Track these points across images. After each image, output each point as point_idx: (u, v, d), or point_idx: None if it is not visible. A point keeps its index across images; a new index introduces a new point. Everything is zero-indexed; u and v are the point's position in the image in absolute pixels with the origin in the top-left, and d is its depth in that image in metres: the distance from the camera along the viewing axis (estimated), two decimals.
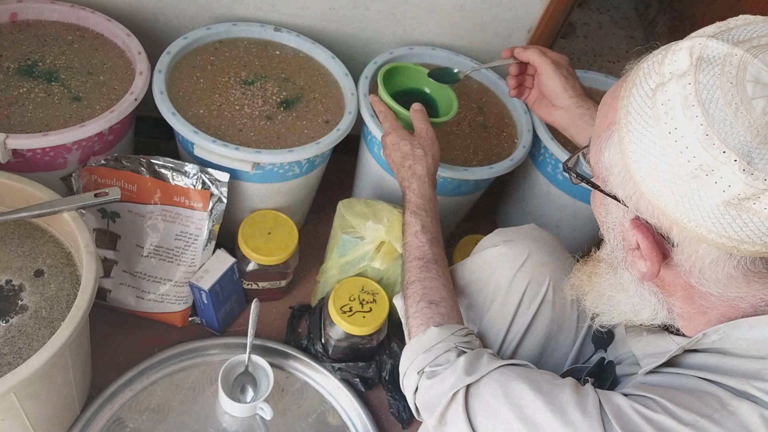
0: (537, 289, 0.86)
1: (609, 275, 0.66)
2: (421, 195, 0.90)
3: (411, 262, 0.86)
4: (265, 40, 1.20)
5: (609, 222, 0.62)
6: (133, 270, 1.08)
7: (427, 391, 0.72)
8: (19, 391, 0.75)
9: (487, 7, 1.24)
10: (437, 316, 0.78)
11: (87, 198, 0.88)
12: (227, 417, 1.05)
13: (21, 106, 0.99)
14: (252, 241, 1.11)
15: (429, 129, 0.96)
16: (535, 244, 0.89)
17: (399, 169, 0.94)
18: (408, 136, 0.95)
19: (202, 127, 1.03)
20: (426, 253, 0.85)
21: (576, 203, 1.25)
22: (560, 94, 0.95)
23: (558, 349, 0.89)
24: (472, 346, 0.75)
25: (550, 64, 0.95)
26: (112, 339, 1.10)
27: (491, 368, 0.68)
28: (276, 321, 1.20)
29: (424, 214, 0.89)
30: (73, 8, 1.10)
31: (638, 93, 0.55)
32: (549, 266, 0.87)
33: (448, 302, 0.81)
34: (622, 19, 2.36)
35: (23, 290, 0.85)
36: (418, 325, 0.79)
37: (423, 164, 0.92)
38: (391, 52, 1.24)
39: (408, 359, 0.77)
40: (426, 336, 0.76)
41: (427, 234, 0.87)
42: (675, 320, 0.63)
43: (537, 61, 0.96)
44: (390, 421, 1.13)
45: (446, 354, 0.73)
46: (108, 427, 1.00)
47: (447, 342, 0.74)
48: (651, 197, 0.54)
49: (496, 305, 0.87)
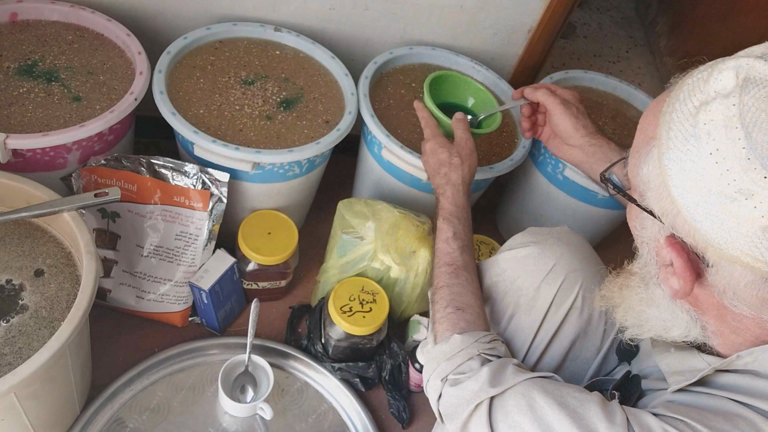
0: (566, 295, 0.85)
1: (640, 289, 0.65)
2: (455, 203, 0.91)
3: (441, 267, 0.86)
4: (265, 40, 1.20)
5: (644, 236, 0.61)
6: (133, 270, 1.08)
7: (450, 399, 0.72)
8: (19, 391, 0.75)
9: (487, 7, 1.24)
10: (462, 322, 0.78)
11: (87, 198, 0.88)
12: (227, 417, 1.05)
13: (21, 106, 0.99)
14: (252, 241, 1.11)
15: (469, 139, 0.96)
16: (567, 248, 0.87)
17: (435, 176, 0.95)
18: (447, 144, 0.96)
19: (202, 127, 1.03)
20: (456, 260, 0.86)
21: (576, 203, 1.25)
22: (572, 134, 0.94)
23: (581, 357, 0.87)
24: (497, 353, 0.75)
25: (560, 105, 0.95)
26: (112, 339, 1.10)
27: (517, 381, 0.68)
28: (276, 321, 1.20)
29: (457, 221, 0.89)
30: (73, 8, 1.10)
31: (681, 110, 0.54)
32: (580, 272, 0.86)
33: (474, 309, 0.81)
34: (622, 19, 2.36)
35: (24, 290, 0.85)
36: (443, 331, 0.79)
37: (459, 172, 0.93)
38: (391, 52, 1.24)
39: (431, 366, 0.77)
40: (449, 343, 0.76)
41: (458, 241, 0.87)
42: (709, 338, 0.61)
43: (547, 101, 0.96)
44: (390, 421, 1.13)
45: (469, 362, 0.73)
46: (108, 427, 1.00)
47: (470, 349, 0.74)
48: (687, 216, 0.53)
49: (523, 309, 0.86)
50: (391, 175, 1.18)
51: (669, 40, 2.15)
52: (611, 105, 1.37)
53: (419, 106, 1.04)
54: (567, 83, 1.36)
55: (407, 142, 1.13)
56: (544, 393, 0.64)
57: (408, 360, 1.13)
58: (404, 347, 1.15)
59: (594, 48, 2.19)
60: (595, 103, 1.35)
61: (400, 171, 1.14)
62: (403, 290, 1.12)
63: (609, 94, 1.38)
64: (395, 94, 1.22)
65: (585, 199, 1.24)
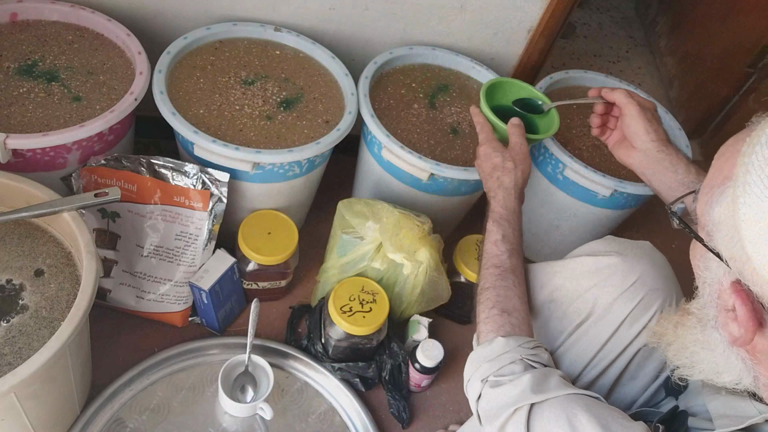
0: (642, 314, 0.82)
1: (696, 330, 0.63)
2: (505, 206, 0.90)
3: (488, 269, 0.85)
4: (265, 40, 1.20)
5: (706, 277, 0.59)
6: (133, 270, 1.08)
7: (490, 401, 0.72)
8: (19, 391, 0.75)
9: (487, 7, 1.24)
10: (507, 326, 0.78)
11: (87, 198, 0.88)
12: (227, 417, 1.05)
13: (21, 106, 0.99)
14: (252, 241, 1.11)
15: (523, 144, 0.96)
16: (650, 265, 0.85)
17: (487, 180, 0.95)
18: (501, 148, 0.95)
19: (202, 127, 1.03)
20: (504, 262, 0.85)
21: (576, 203, 1.25)
22: (641, 136, 0.92)
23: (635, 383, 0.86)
24: (539, 360, 0.74)
25: (635, 106, 0.93)
26: (112, 339, 1.10)
27: (560, 393, 0.67)
28: (276, 321, 1.20)
29: (506, 224, 0.88)
30: (73, 8, 1.10)
31: (763, 153, 0.51)
32: (661, 292, 0.83)
33: (520, 313, 0.80)
34: (622, 19, 2.36)
35: (24, 290, 0.85)
36: (487, 332, 0.79)
37: (511, 177, 0.92)
38: (391, 52, 1.24)
39: (473, 366, 0.76)
40: (492, 345, 0.76)
41: (507, 244, 0.86)
42: (759, 390, 0.60)
43: (623, 101, 0.94)
44: (390, 421, 1.13)
45: (511, 365, 0.72)
46: (108, 427, 1.00)
47: (513, 353, 0.74)
48: (758, 265, 0.51)
49: (590, 322, 0.84)
50: (391, 175, 1.18)
51: (669, 40, 2.15)
52: None
53: (475, 111, 1.04)
54: (567, 83, 1.36)
55: (407, 142, 1.13)
56: (588, 412, 0.63)
57: (408, 360, 1.13)
58: (404, 347, 1.15)
59: (594, 48, 2.19)
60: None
61: (400, 171, 1.14)
62: (403, 290, 1.12)
63: None
64: (395, 94, 1.22)
65: (585, 199, 1.24)
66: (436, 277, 1.11)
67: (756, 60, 1.73)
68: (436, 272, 1.10)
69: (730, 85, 1.81)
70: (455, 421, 1.16)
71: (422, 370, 1.12)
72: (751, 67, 1.75)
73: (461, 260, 1.18)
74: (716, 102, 1.85)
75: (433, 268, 1.09)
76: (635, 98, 0.94)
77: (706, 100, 1.89)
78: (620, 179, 1.19)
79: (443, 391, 1.19)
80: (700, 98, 1.92)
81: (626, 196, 1.22)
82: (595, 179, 1.18)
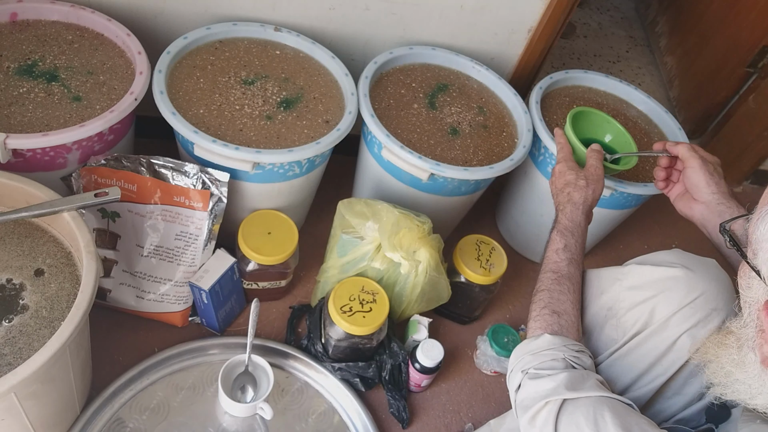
0: (699, 332, 0.81)
1: (734, 350, 0.63)
2: (572, 219, 0.92)
3: (545, 273, 0.87)
4: (265, 40, 1.20)
5: (747, 296, 0.59)
6: (133, 270, 1.08)
7: (526, 391, 0.74)
8: (19, 391, 0.75)
9: (487, 7, 1.24)
10: (556, 325, 0.80)
11: (87, 198, 0.88)
12: (227, 417, 1.05)
13: (21, 106, 0.99)
14: (252, 241, 1.11)
15: (599, 167, 0.99)
16: (715, 284, 0.84)
17: (558, 194, 0.97)
18: (576, 167, 0.99)
19: (202, 127, 1.03)
20: (562, 269, 0.87)
21: None
22: (703, 188, 0.92)
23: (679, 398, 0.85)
24: (581, 363, 0.75)
25: (698, 159, 0.94)
26: (112, 339, 1.10)
27: (592, 394, 0.68)
28: (276, 321, 1.20)
29: (570, 235, 0.90)
30: (73, 8, 1.10)
31: None
32: (722, 313, 0.82)
33: (570, 317, 0.82)
34: (622, 19, 2.36)
35: (24, 290, 0.85)
36: (536, 329, 0.81)
37: (582, 193, 0.94)
38: (391, 52, 1.24)
39: (516, 358, 0.79)
40: (539, 340, 0.78)
41: (567, 253, 0.88)
42: None
43: (686, 155, 0.95)
44: (390, 421, 1.13)
45: (553, 362, 0.74)
46: (108, 427, 1.00)
47: (557, 351, 0.75)
48: None
49: (646, 334, 0.83)
50: (391, 175, 1.18)
51: (669, 40, 2.15)
52: (611, 105, 1.37)
53: (559, 133, 1.09)
54: (567, 83, 1.36)
55: (407, 142, 1.13)
56: (614, 414, 0.65)
57: (408, 360, 1.13)
58: (404, 347, 1.15)
59: (594, 48, 2.19)
60: (595, 103, 1.35)
61: (400, 171, 1.14)
62: (403, 290, 1.12)
63: (609, 94, 1.38)
64: (395, 94, 1.22)
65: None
66: (436, 277, 1.11)
67: (756, 60, 1.73)
68: (436, 272, 1.10)
69: (730, 85, 1.81)
70: (455, 420, 1.16)
71: (422, 370, 1.12)
72: (751, 67, 1.75)
73: (461, 260, 1.18)
74: (716, 102, 1.85)
75: (432, 267, 1.09)
76: (698, 152, 0.95)
77: (706, 100, 1.89)
78: (620, 179, 1.19)
79: (443, 391, 1.19)
80: (700, 98, 1.92)
81: (626, 196, 1.22)
82: None
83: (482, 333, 1.26)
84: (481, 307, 1.28)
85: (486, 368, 1.23)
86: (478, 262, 1.19)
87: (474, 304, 1.26)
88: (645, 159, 1.27)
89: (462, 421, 1.16)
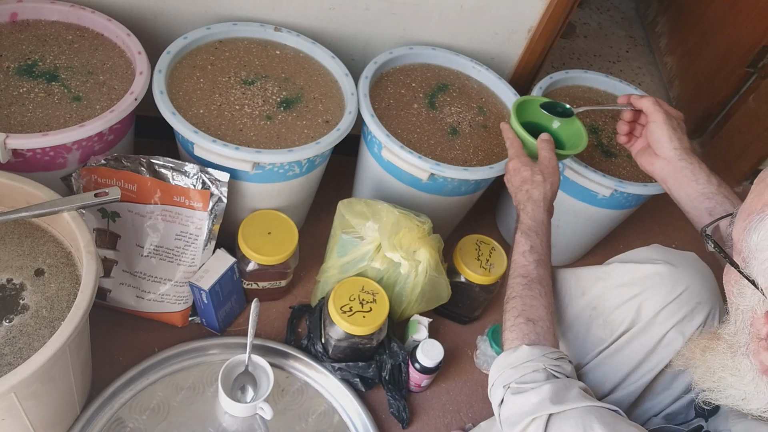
0: (686, 327, 0.82)
1: (726, 357, 0.63)
2: (534, 218, 0.90)
3: (515, 278, 0.86)
4: (265, 40, 1.20)
5: (739, 303, 0.58)
6: (133, 270, 1.08)
7: (511, 407, 0.72)
8: (19, 391, 0.75)
9: (487, 7, 1.24)
10: (533, 335, 0.78)
11: (87, 198, 0.88)
12: (227, 417, 1.05)
13: (21, 106, 0.99)
14: (252, 241, 1.11)
15: (552, 158, 0.97)
16: (698, 277, 0.84)
17: (517, 193, 0.95)
18: (530, 162, 0.96)
19: (202, 127, 1.03)
20: (531, 272, 0.85)
21: (576, 203, 1.25)
22: (665, 143, 0.92)
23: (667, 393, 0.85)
24: (562, 371, 0.74)
25: (662, 113, 0.93)
26: (112, 339, 1.10)
27: (578, 405, 0.67)
28: (276, 321, 1.20)
29: (535, 235, 0.88)
30: (73, 8, 1.10)
31: None
32: (707, 306, 0.82)
33: (545, 323, 0.80)
34: (622, 19, 2.36)
35: (24, 289, 0.85)
36: (513, 340, 0.79)
37: (540, 189, 0.93)
38: (391, 52, 1.24)
39: (497, 371, 0.77)
40: (517, 352, 0.76)
41: (534, 255, 0.86)
42: None
43: (650, 109, 0.95)
44: (390, 421, 1.13)
45: (534, 374, 0.73)
46: (108, 427, 1.00)
47: (537, 362, 0.74)
48: None
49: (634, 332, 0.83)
50: (391, 175, 1.18)
51: (669, 40, 2.15)
52: None
53: (505, 127, 1.05)
54: (567, 83, 1.36)
55: (407, 142, 1.13)
56: (603, 424, 0.64)
57: (408, 360, 1.13)
58: (404, 347, 1.15)
59: (594, 48, 2.19)
60: (595, 103, 1.35)
61: (400, 171, 1.14)
62: (403, 290, 1.12)
63: (609, 94, 1.38)
64: (395, 94, 1.22)
65: (585, 199, 1.24)
66: (435, 276, 1.11)
67: (756, 60, 1.73)
68: (436, 272, 1.10)
69: (730, 85, 1.81)
70: (455, 420, 1.16)
71: (422, 370, 1.12)
72: (751, 67, 1.75)
73: (461, 260, 1.18)
74: (716, 102, 1.85)
75: (432, 267, 1.09)
76: (662, 106, 0.94)
77: (706, 99, 1.89)
78: (620, 179, 1.19)
79: (443, 391, 1.19)
80: (700, 98, 1.92)
81: (626, 196, 1.22)
82: (595, 179, 1.18)
83: (482, 333, 1.26)
84: (481, 307, 1.29)
85: (486, 368, 1.23)
86: (478, 262, 1.19)
87: (474, 304, 1.26)
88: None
89: (462, 420, 1.16)
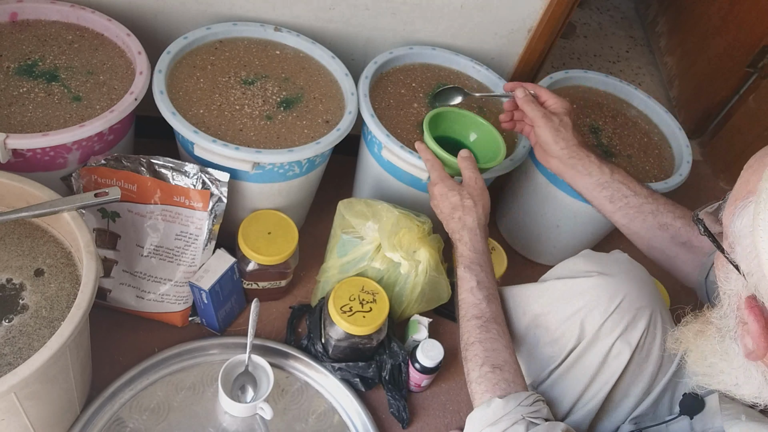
0: (630, 335, 0.81)
1: (715, 341, 0.62)
2: (474, 249, 0.88)
3: (469, 321, 0.84)
4: (265, 40, 1.20)
5: (726, 288, 0.58)
6: (133, 270, 1.08)
7: None
8: (19, 391, 0.75)
9: (487, 7, 1.24)
10: (502, 383, 0.77)
11: (87, 198, 0.88)
12: (227, 417, 1.05)
13: (21, 106, 0.99)
14: (252, 241, 1.11)
15: (478, 178, 0.94)
16: (633, 282, 0.83)
17: (449, 221, 0.93)
18: (456, 186, 0.94)
19: (202, 127, 1.03)
20: (484, 312, 0.83)
21: (576, 203, 1.25)
22: (551, 145, 0.93)
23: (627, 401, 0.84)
24: (540, 415, 0.73)
25: (542, 117, 0.93)
26: (112, 339, 1.10)
27: None
28: (276, 321, 1.20)
29: (479, 269, 0.87)
30: (73, 8, 1.10)
31: None
32: (647, 311, 0.82)
33: (511, 366, 0.79)
34: (622, 19, 2.36)
35: (24, 289, 0.85)
36: (483, 392, 0.77)
37: (473, 215, 0.90)
38: (391, 52, 1.24)
39: (474, 430, 0.75)
40: (491, 408, 0.74)
41: (483, 290, 0.85)
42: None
43: (530, 114, 0.95)
44: (390, 421, 1.13)
45: (514, 427, 0.71)
46: (108, 427, 1.00)
47: (513, 414, 0.73)
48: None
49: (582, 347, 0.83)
50: (391, 175, 1.18)
51: (669, 40, 2.15)
52: (611, 105, 1.37)
53: (422, 147, 1.02)
54: (567, 83, 1.36)
55: (407, 142, 1.13)
56: None
57: (408, 360, 1.13)
58: (404, 347, 1.15)
59: (594, 48, 2.19)
60: (595, 103, 1.35)
61: (400, 171, 1.14)
62: (403, 290, 1.12)
63: (609, 94, 1.38)
64: (395, 94, 1.22)
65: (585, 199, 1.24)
66: (435, 276, 1.11)
67: (756, 60, 1.73)
68: (436, 272, 1.10)
69: (730, 85, 1.81)
70: (455, 420, 1.16)
71: (422, 370, 1.12)
72: (751, 67, 1.75)
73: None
74: (716, 102, 1.85)
75: (432, 267, 1.09)
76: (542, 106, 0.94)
77: (706, 100, 1.89)
78: None
79: (443, 391, 1.19)
80: (700, 98, 1.92)
81: None
82: None
83: None
84: None
85: None
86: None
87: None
88: None
89: (462, 420, 1.16)
